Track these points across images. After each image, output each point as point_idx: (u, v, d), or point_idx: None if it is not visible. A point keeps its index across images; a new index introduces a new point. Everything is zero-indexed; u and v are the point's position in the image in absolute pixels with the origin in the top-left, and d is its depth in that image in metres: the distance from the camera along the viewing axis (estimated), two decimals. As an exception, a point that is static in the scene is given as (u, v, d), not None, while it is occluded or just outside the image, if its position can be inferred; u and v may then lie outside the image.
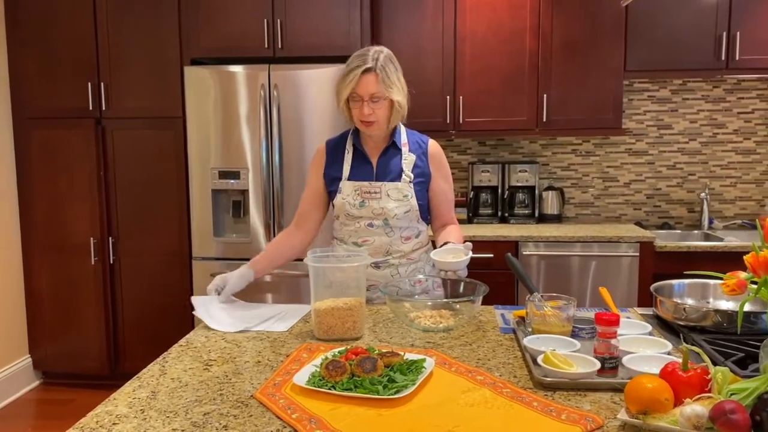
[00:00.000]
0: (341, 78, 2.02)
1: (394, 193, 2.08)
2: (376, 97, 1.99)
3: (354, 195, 2.10)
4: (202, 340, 1.72)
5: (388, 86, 2.00)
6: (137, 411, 1.26)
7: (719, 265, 1.41)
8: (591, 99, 3.74)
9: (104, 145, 3.71)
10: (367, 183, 2.10)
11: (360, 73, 1.97)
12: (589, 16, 3.70)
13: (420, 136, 2.20)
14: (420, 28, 3.77)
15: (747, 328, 1.56)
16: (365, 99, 1.99)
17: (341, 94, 2.03)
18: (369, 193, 2.09)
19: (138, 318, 3.79)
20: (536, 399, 1.28)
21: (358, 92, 1.99)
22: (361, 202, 2.09)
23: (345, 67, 2.02)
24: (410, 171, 2.11)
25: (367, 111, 2.00)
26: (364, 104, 1.99)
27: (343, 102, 2.04)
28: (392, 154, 2.13)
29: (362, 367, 1.34)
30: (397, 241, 2.11)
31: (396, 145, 2.13)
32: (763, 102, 4.03)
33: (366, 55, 2.00)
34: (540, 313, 1.63)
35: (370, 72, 1.98)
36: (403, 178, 2.10)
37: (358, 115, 2.03)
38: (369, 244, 2.10)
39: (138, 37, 3.62)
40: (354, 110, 2.04)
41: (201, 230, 3.58)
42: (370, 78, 1.98)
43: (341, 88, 2.02)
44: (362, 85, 1.98)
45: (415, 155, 2.13)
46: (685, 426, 1.09)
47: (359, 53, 2.03)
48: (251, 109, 3.47)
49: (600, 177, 4.17)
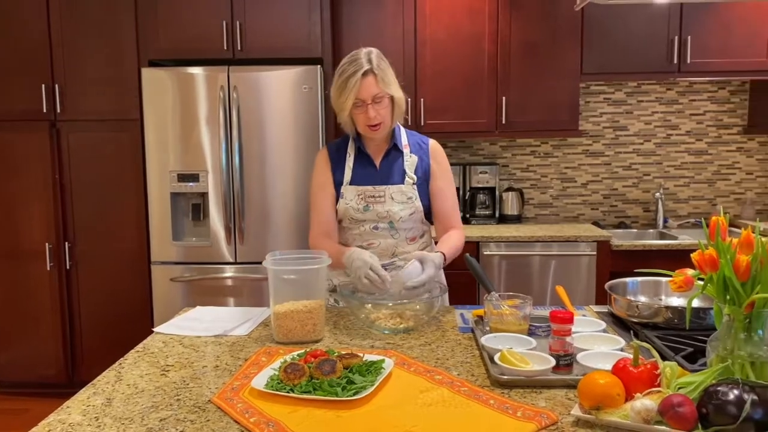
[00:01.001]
0: (339, 89, 1.98)
1: (398, 195, 2.07)
2: (378, 97, 1.97)
3: (357, 199, 2.08)
4: (160, 345, 1.70)
5: (387, 84, 1.99)
6: (91, 419, 1.24)
7: (674, 263, 1.45)
8: (548, 101, 3.81)
9: (59, 148, 3.63)
10: (370, 187, 2.08)
11: (360, 76, 1.94)
12: (546, 21, 3.76)
13: (420, 137, 2.19)
14: (381, 30, 3.79)
15: (696, 323, 1.60)
16: (368, 102, 1.97)
17: (346, 104, 1.98)
18: (373, 197, 2.07)
19: (96, 324, 3.71)
20: (493, 397, 1.30)
21: (360, 97, 1.96)
22: (365, 206, 2.07)
23: (338, 77, 1.99)
24: (413, 172, 2.10)
25: (372, 114, 1.97)
26: (369, 108, 1.97)
27: (348, 112, 2.01)
28: (394, 156, 2.12)
29: (321, 370, 1.34)
30: (403, 243, 2.10)
31: (397, 147, 2.11)
32: (713, 104, 4.15)
33: (359, 59, 1.97)
34: (497, 312, 1.66)
35: (368, 74, 1.96)
36: (407, 180, 2.09)
37: (365, 120, 2.00)
38: (375, 247, 2.08)
39: (94, 38, 3.55)
40: (359, 117, 2.01)
41: (160, 234, 3.53)
42: (370, 80, 1.96)
43: (344, 99, 1.98)
44: (364, 88, 1.96)
45: (417, 156, 2.12)
46: (635, 420, 1.12)
47: (350, 59, 1.99)
48: (210, 111, 3.43)
49: (558, 178, 4.25)
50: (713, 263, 1.20)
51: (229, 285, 3.51)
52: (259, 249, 3.44)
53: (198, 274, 3.51)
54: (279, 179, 3.45)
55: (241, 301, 3.49)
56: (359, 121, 2.03)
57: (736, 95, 4.14)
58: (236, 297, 3.52)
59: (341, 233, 2.17)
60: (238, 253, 3.50)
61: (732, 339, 1.20)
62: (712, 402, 1.07)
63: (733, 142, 4.17)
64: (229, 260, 3.51)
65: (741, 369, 1.17)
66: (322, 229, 2.13)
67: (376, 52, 2.02)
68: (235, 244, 3.49)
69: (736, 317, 1.20)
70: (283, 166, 3.45)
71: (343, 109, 2.01)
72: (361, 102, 1.97)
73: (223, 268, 3.51)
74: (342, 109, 2.02)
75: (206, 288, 3.51)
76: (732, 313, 1.20)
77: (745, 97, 4.13)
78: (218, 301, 3.48)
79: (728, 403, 1.05)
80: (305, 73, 3.40)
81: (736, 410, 1.04)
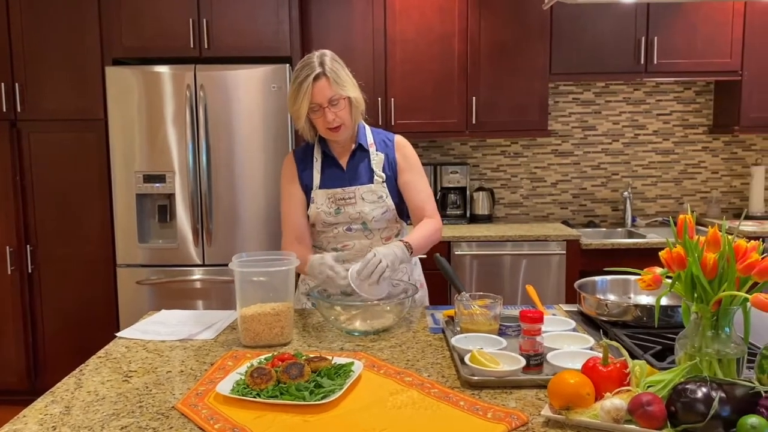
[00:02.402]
0: (293, 95, 1.95)
1: (368, 195, 2.05)
2: (334, 100, 1.94)
3: (328, 203, 2.04)
4: (123, 350, 1.65)
5: (341, 86, 1.95)
6: (49, 428, 1.20)
7: (642, 261, 1.46)
8: (518, 101, 3.82)
9: (20, 148, 3.53)
10: (340, 189, 2.05)
11: (312, 81, 1.91)
12: (515, 20, 3.78)
13: (386, 134, 2.17)
14: (350, 29, 3.76)
15: (664, 321, 1.61)
16: (324, 105, 1.94)
17: (301, 110, 1.95)
18: (343, 199, 2.04)
19: (59, 329, 3.62)
20: (463, 398, 1.28)
21: (315, 101, 1.93)
22: (336, 209, 2.04)
23: (292, 83, 1.96)
24: (381, 170, 2.08)
25: (330, 117, 1.94)
26: (326, 111, 1.94)
27: (304, 118, 1.98)
28: (360, 156, 2.10)
29: (288, 374, 1.31)
30: (378, 243, 2.07)
31: (363, 146, 2.09)
32: (679, 104, 4.21)
33: (311, 63, 1.94)
34: (468, 312, 1.64)
35: (320, 77, 1.92)
36: (375, 179, 2.06)
37: (324, 124, 1.97)
38: (350, 249, 2.06)
39: (56, 36, 3.46)
40: (318, 121, 1.98)
41: (125, 236, 3.45)
42: (323, 83, 1.92)
43: (298, 105, 1.94)
44: (317, 92, 1.92)
45: (383, 153, 2.10)
46: (605, 419, 1.12)
47: (302, 64, 1.96)
48: (177, 111, 3.37)
49: (528, 177, 4.27)
50: (681, 261, 1.20)
51: (197, 288, 3.45)
52: (228, 251, 3.39)
53: (165, 277, 3.45)
54: (247, 180, 3.41)
55: (209, 304, 3.44)
56: (319, 125, 2.00)
57: (702, 95, 4.20)
58: (204, 300, 3.46)
59: (315, 237, 2.14)
60: (206, 255, 3.44)
61: (700, 336, 1.21)
62: (680, 400, 1.07)
63: (699, 142, 4.24)
64: (197, 262, 3.45)
65: (709, 366, 1.18)
66: (295, 235, 2.09)
67: (330, 54, 1.99)
68: (203, 245, 3.44)
69: (704, 315, 1.20)
70: (251, 167, 3.40)
71: (299, 116, 1.97)
72: (318, 106, 1.94)
73: (190, 271, 3.45)
74: (298, 116, 1.98)
75: (173, 291, 3.45)
76: (699, 311, 1.21)
77: (710, 97, 4.20)
78: (186, 304, 3.42)
79: (696, 401, 1.05)
80: (274, 72, 3.36)
81: (704, 408, 1.04)
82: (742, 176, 4.25)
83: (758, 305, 1.14)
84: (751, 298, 1.15)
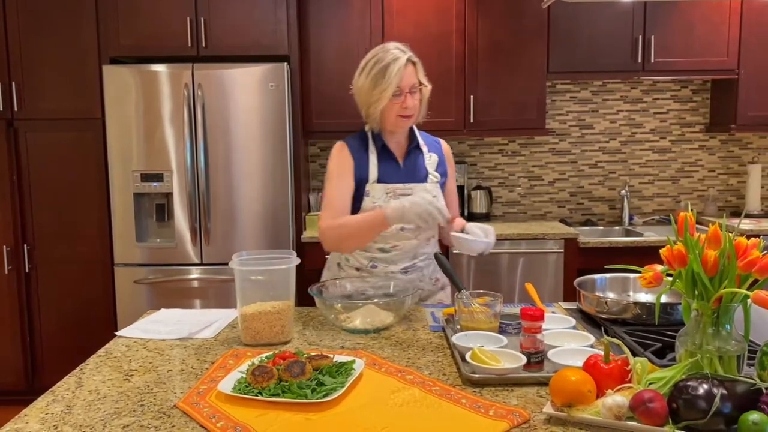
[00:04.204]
0: (374, 78, 1.92)
1: (424, 194, 2.02)
2: (415, 87, 1.95)
3: (386, 197, 2.00)
4: (123, 349, 1.65)
5: (423, 74, 1.98)
6: (50, 427, 1.19)
7: (640, 259, 1.46)
8: (516, 100, 3.83)
9: (17, 148, 3.52)
10: (400, 185, 2.02)
11: (403, 64, 1.90)
12: (512, 19, 3.78)
13: (432, 137, 2.16)
14: (348, 28, 3.76)
15: (664, 319, 1.62)
16: (406, 91, 1.93)
17: (386, 92, 1.90)
18: (403, 194, 2.00)
19: (57, 329, 3.61)
20: (465, 396, 1.29)
21: (403, 84, 1.92)
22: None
23: (371, 69, 1.93)
24: (434, 171, 2.08)
25: (410, 102, 1.94)
26: (407, 97, 1.93)
27: (386, 102, 1.93)
28: (416, 155, 2.08)
29: (290, 372, 1.31)
30: (423, 243, 2.07)
31: (418, 145, 2.08)
32: (676, 103, 4.22)
33: (391, 50, 1.93)
34: (468, 310, 1.65)
35: (408, 63, 1.93)
36: (430, 179, 2.06)
37: (398, 111, 1.95)
38: (398, 249, 2.03)
39: (53, 35, 3.45)
40: (392, 107, 1.94)
41: (123, 235, 3.45)
42: (410, 68, 1.94)
43: (384, 87, 1.90)
44: (407, 76, 1.92)
45: (436, 155, 2.10)
46: (606, 416, 1.12)
47: (380, 51, 1.94)
48: (174, 110, 3.37)
49: (526, 176, 4.27)
50: (682, 259, 1.21)
51: (195, 287, 3.45)
52: (226, 250, 3.39)
53: (163, 276, 3.44)
54: (245, 178, 3.40)
55: (207, 303, 3.44)
56: (391, 112, 1.96)
57: (699, 94, 4.21)
58: (202, 299, 3.46)
59: None
60: (204, 254, 3.44)
61: (700, 334, 1.21)
62: (682, 397, 1.07)
63: (696, 140, 4.25)
64: (195, 261, 3.44)
65: (709, 363, 1.18)
66: (333, 215, 1.99)
67: (404, 44, 2.00)
68: (201, 244, 3.43)
69: (705, 312, 1.21)
70: (249, 165, 3.40)
71: (380, 99, 1.93)
72: (400, 91, 1.92)
73: (188, 270, 3.45)
74: (378, 100, 1.93)
75: (171, 290, 3.44)
76: (700, 308, 1.21)
77: (706, 95, 4.21)
78: (184, 303, 3.42)
79: (698, 398, 1.06)
80: (271, 70, 3.35)
81: (705, 405, 1.05)
82: (739, 174, 4.26)
83: (759, 302, 1.14)
84: (751, 295, 1.15)
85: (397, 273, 2.05)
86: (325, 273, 2.23)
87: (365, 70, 1.96)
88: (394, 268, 2.05)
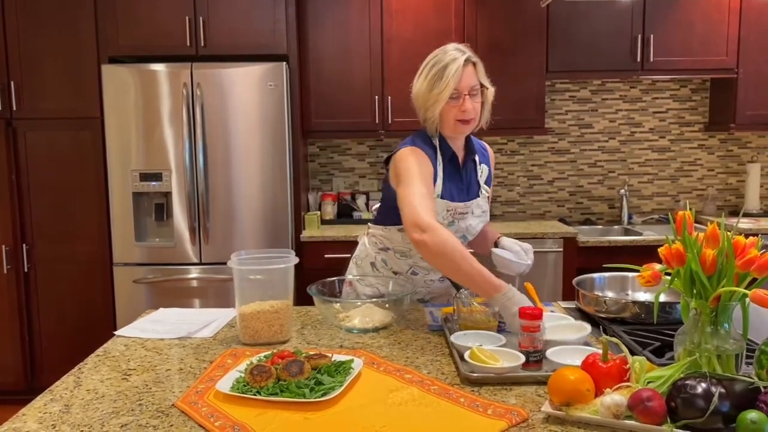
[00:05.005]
0: (432, 80, 1.80)
1: (476, 210, 1.96)
2: (475, 89, 1.82)
3: (445, 214, 1.89)
4: (121, 348, 1.65)
5: (484, 76, 1.86)
6: (48, 426, 1.19)
7: (638, 259, 1.46)
8: (515, 99, 3.82)
9: (16, 147, 3.52)
10: (461, 204, 1.91)
11: (462, 64, 1.78)
12: (511, 19, 3.78)
13: (480, 143, 2.06)
14: (347, 28, 3.76)
15: (663, 318, 1.62)
16: (465, 93, 1.80)
17: (443, 94, 1.78)
18: (462, 213, 1.92)
19: (56, 328, 3.61)
20: (463, 395, 1.29)
21: (462, 86, 1.79)
22: (450, 221, 1.91)
23: (430, 69, 1.81)
24: (485, 184, 2.00)
25: (469, 105, 1.80)
26: (466, 99, 1.80)
27: (443, 104, 1.81)
28: (470, 166, 1.98)
29: (288, 371, 1.31)
30: None
31: (473, 156, 1.98)
32: (675, 102, 4.22)
33: (450, 51, 1.81)
34: (467, 309, 1.65)
35: (468, 63, 1.80)
36: (482, 193, 1.98)
37: (457, 115, 1.82)
38: None
39: (51, 34, 3.44)
40: (451, 111, 1.82)
41: (122, 235, 3.44)
42: (470, 69, 1.81)
43: (441, 89, 1.78)
44: (466, 76, 1.79)
45: (486, 166, 2.02)
46: (605, 415, 1.12)
47: (439, 53, 1.83)
48: (173, 109, 3.37)
49: (525, 175, 4.27)
50: (680, 257, 1.21)
51: (194, 286, 3.45)
52: (225, 249, 3.39)
53: (162, 276, 3.44)
54: (244, 178, 3.40)
55: (206, 303, 3.44)
56: (449, 116, 1.83)
57: (698, 93, 4.21)
58: (201, 298, 3.46)
59: (402, 242, 1.97)
60: (203, 253, 3.44)
61: (699, 332, 1.21)
62: (680, 396, 1.07)
63: (695, 140, 4.25)
64: (194, 261, 3.44)
65: (708, 362, 1.18)
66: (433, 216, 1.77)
67: (465, 44, 1.88)
68: (200, 244, 3.43)
69: (703, 311, 1.20)
70: (248, 165, 3.40)
71: (438, 101, 1.80)
72: (458, 93, 1.80)
73: (187, 269, 3.45)
74: (436, 102, 1.81)
75: (170, 289, 3.44)
76: (699, 307, 1.21)
77: (705, 95, 4.21)
78: (183, 302, 3.41)
79: (696, 397, 1.06)
80: (270, 70, 3.35)
81: (704, 403, 1.05)
82: (738, 174, 4.26)
83: (757, 301, 1.14)
84: (750, 293, 1.15)
85: (436, 281, 2.04)
86: (353, 268, 2.13)
87: (423, 72, 1.85)
88: (434, 276, 2.03)
